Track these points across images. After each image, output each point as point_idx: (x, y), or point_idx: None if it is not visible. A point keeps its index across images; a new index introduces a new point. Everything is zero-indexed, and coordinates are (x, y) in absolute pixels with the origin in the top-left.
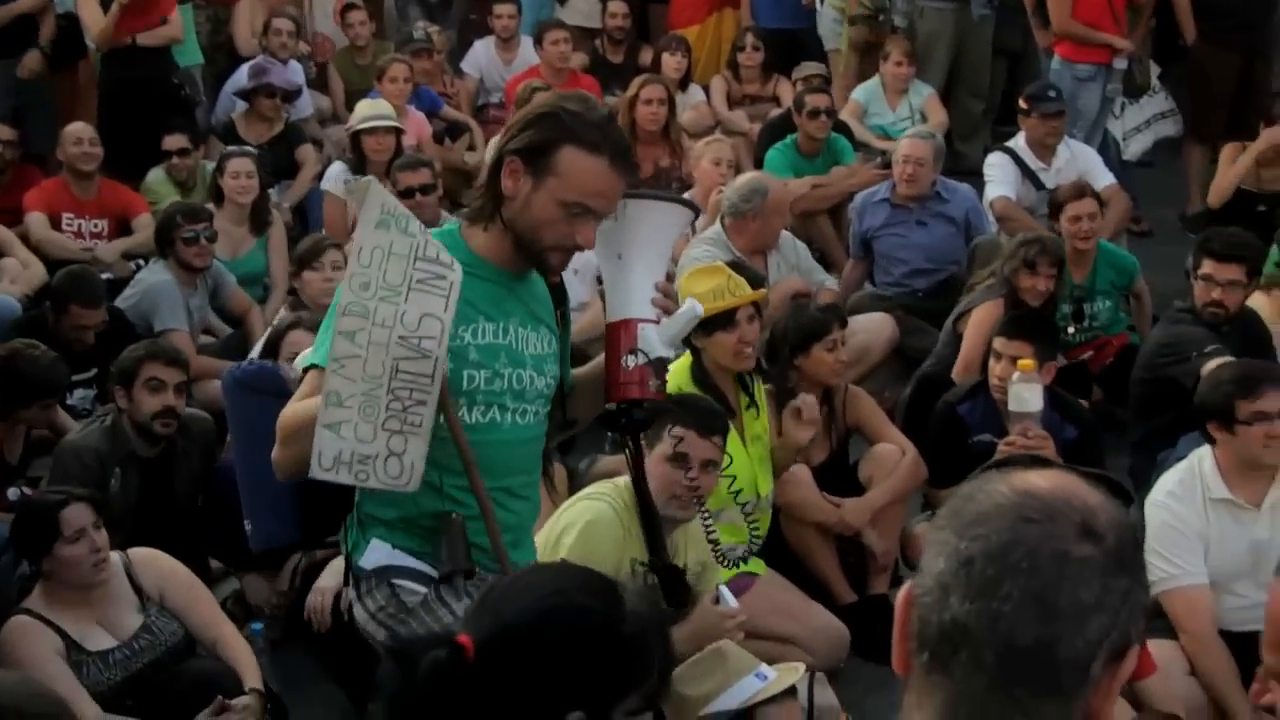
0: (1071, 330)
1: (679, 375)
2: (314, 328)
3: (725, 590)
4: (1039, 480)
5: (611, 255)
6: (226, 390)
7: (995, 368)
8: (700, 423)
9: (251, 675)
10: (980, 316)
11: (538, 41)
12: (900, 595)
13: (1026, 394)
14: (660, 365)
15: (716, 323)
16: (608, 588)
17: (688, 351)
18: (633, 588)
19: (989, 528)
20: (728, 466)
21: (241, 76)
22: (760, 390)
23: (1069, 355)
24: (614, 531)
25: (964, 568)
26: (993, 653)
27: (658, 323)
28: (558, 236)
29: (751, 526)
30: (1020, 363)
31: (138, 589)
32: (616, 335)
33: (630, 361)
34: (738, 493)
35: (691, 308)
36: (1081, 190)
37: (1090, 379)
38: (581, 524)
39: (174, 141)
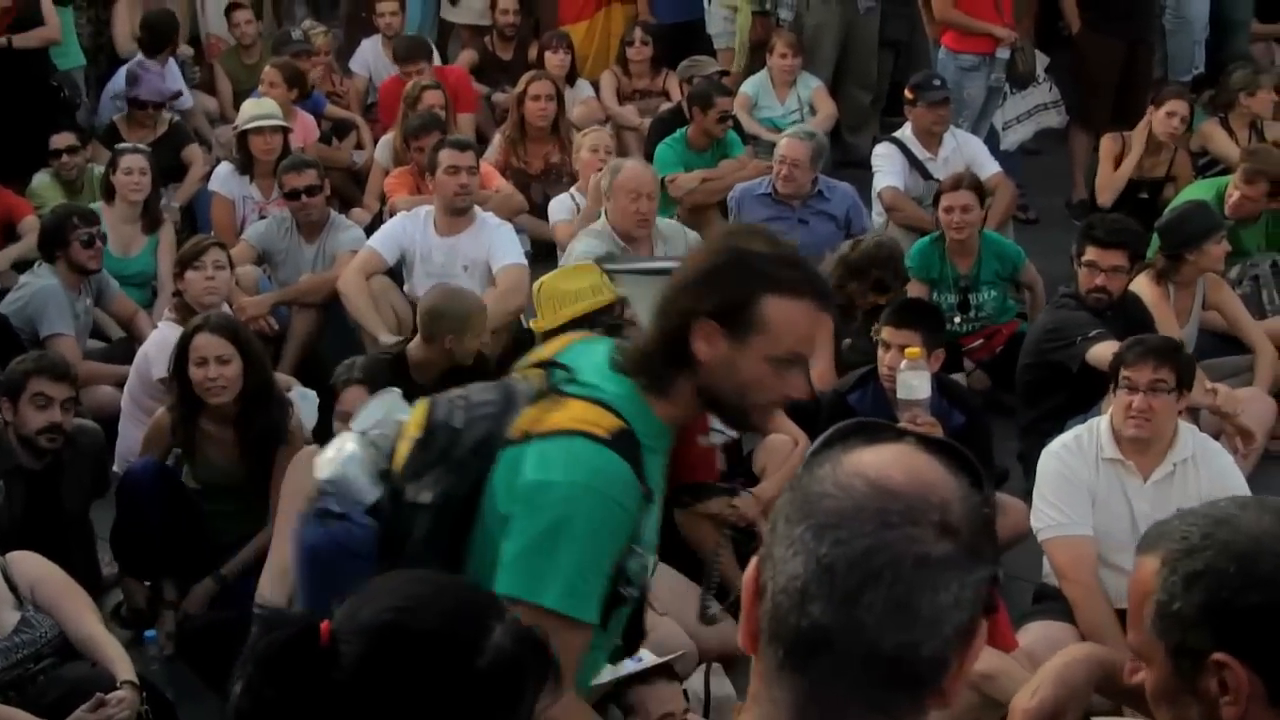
0: (958, 320)
1: None
2: (219, 329)
3: None
4: (894, 471)
5: None
6: (312, 559)
7: (884, 356)
8: None
9: (124, 669)
10: None
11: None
12: (747, 576)
13: (915, 381)
14: (728, 445)
15: (593, 321)
16: (474, 614)
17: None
18: (511, 624)
19: (850, 531)
20: None
21: (120, 81)
22: None
23: (981, 353)
24: None
25: (825, 574)
26: (856, 659)
27: None
28: (768, 394)
29: None
30: (908, 350)
31: (14, 588)
32: None
33: (703, 441)
34: None
35: None
36: (958, 182)
37: (960, 355)
38: None
39: (62, 139)
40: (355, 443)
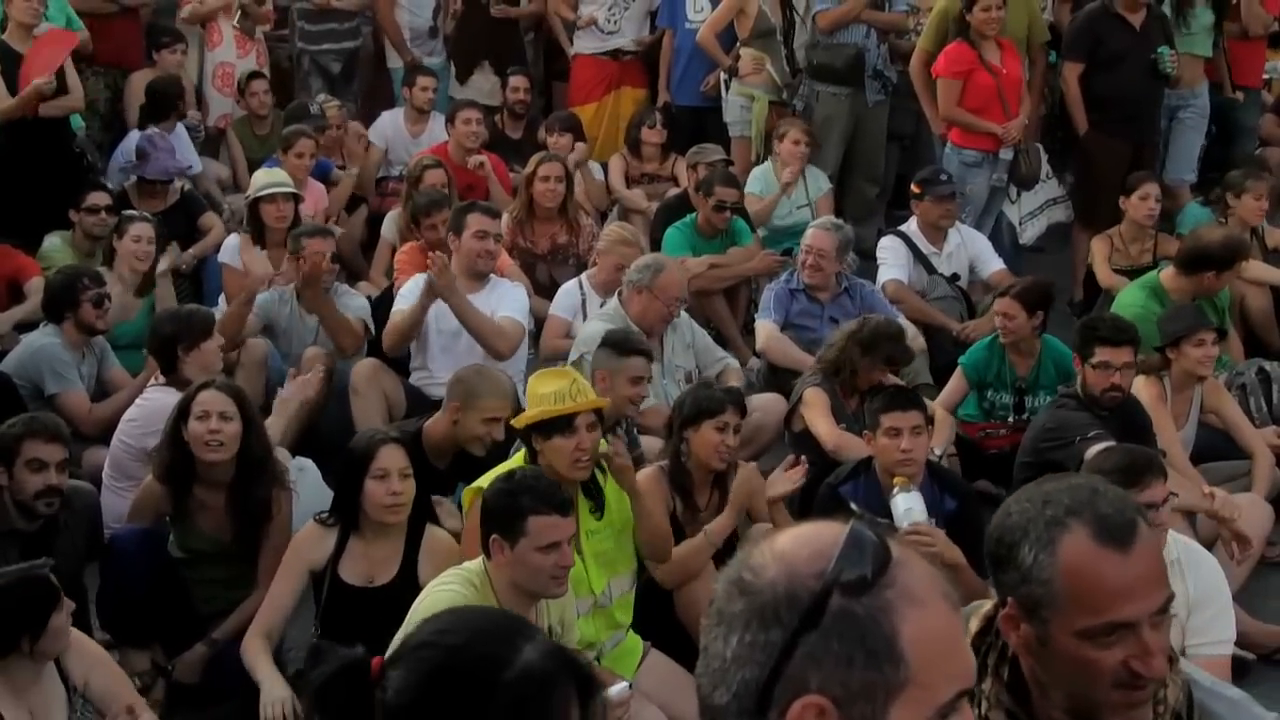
0: (1010, 420)
1: None
2: (224, 389)
3: (616, 682)
4: (783, 540)
5: None
6: None
7: (895, 443)
8: (555, 505)
9: None
10: (812, 399)
11: (450, 120)
12: None
13: (911, 504)
14: None
15: (555, 427)
16: (504, 634)
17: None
18: (543, 643)
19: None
20: None
21: (128, 149)
22: (611, 488)
23: (1001, 441)
24: None
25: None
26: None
27: None
28: None
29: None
30: (896, 479)
31: (65, 677)
32: None
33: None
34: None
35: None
36: (1005, 290)
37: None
38: None
39: (99, 197)
40: None
